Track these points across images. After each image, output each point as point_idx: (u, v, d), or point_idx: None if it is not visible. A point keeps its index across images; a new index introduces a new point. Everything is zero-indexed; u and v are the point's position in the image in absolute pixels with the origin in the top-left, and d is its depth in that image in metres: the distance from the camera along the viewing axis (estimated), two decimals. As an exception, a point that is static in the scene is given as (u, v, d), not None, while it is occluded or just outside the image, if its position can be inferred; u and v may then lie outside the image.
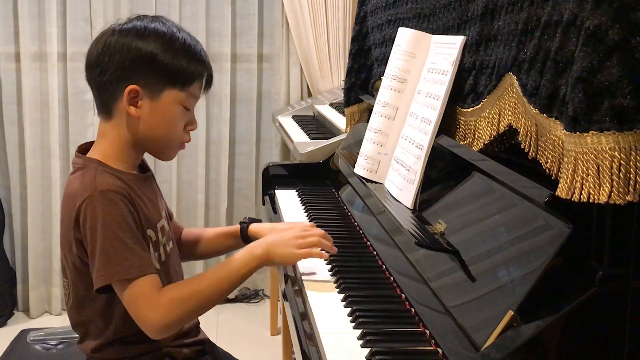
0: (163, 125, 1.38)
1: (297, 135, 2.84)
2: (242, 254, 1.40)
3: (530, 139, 1.07)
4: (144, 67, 1.34)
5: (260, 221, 1.66)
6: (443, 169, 1.46)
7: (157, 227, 1.41)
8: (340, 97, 2.68)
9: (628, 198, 0.85)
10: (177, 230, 1.64)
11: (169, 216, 1.55)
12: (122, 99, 1.34)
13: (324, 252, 1.43)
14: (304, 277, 1.44)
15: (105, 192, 1.29)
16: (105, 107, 1.38)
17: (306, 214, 1.91)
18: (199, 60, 1.39)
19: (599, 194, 0.86)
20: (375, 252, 1.55)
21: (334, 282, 1.40)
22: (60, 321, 3.32)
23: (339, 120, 2.68)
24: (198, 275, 1.43)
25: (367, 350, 1.11)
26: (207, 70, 1.42)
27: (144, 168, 1.47)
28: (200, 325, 1.55)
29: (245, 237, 1.63)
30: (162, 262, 1.42)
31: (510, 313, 0.94)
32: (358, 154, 1.81)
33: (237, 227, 1.64)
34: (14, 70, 3.32)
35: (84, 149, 1.42)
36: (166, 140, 1.41)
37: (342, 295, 1.33)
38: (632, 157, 0.85)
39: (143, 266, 1.30)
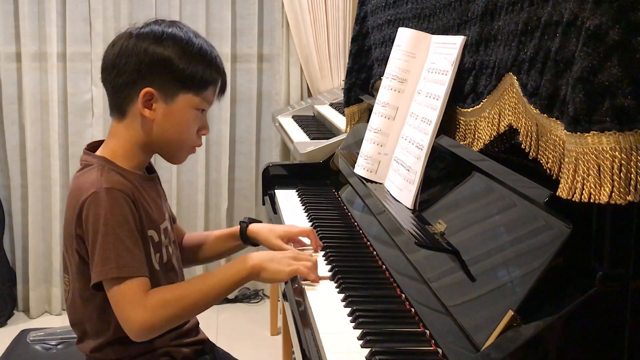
0: (176, 128, 1.39)
1: (297, 135, 2.84)
2: (233, 265, 1.40)
3: (531, 139, 1.07)
4: (160, 71, 1.35)
5: (260, 222, 1.66)
6: (443, 169, 1.46)
7: (160, 228, 1.42)
8: (340, 97, 2.68)
9: (629, 198, 0.85)
10: (180, 234, 1.64)
11: (172, 219, 1.55)
12: (137, 101, 1.36)
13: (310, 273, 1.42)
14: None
15: (110, 190, 1.30)
16: (120, 108, 1.39)
17: (306, 214, 1.91)
18: (214, 66, 1.41)
19: (600, 194, 0.86)
20: (375, 252, 1.55)
21: (334, 282, 1.40)
22: (60, 321, 3.32)
23: (339, 120, 2.68)
24: (187, 280, 1.43)
25: (367, 350, 1.10)
26: (222, 77, 1.44)
27: (150, 169, 1.48)
28: (200, 326, 1.55)
29: (244, 237, 1.63)
30: (164, 263, 1.42)
31: (510, 313, 0.94)
32: (358, 154, 1.81)
33: (237, 228, 1.64)
34: (14, 70, 3.32)
35: (93, 147, 1.43)
36: (178, 143, 1.42)
37: (342, 295, 1.33)
38: (632, 157, 0.85)
39: (136, 267, 1.30)
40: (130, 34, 1.38)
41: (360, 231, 1.70)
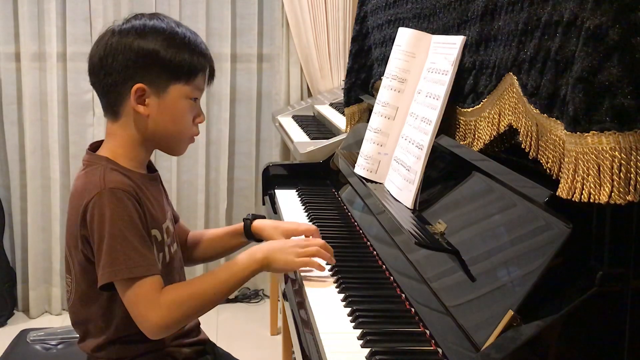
0: (172, 120, 1.39)
1: (297, 135, 2.84)
2: (243, 257, 1.41)
3: (531, 139, 1.07)
4: (148, 65, 1.35)
5: (264, 217, 1.66)
6: (443, 169, 1.46)
7: (163, 227, 1.42)
8: (340, 97, 2.68)
9: (628, 198, 0.85)
10: (183, 233, 1.64)
11: (175, 219, 1.55)
12: (129, 98, 1.35)
13: (322, 263, 1.44)
14: (303, 277, 1.44)
15: (114, 190, 1.30)
16: (112, 108, 1.39)
17: (306, 214, 1.91)
18: (200, 52, 1.40)
19: (600, 193, 0.86)
20: (375, 252, 1.55)
21: (334, 282, 1.40)
22: (60, 321, 3.32)
23: (339, 120, 2.68)
24: (198, 277, 1.44)
25: (367, 350, 1.10)
26: (209, 62, 1.44)
27: (151, 168, 1.48)
28: (201, 326, 1.55)
29: (248, 234, 1.63)
30: (167, 263, 1.42)
31: (510, 313, 0.94)
32: (358, 154, 1.81)
33: (240, 225, 1.65)
34: (14, 70, 3.32)
35: (95, 147, 1.43)
36: (177, 135, 1.42)
37: (342, 295, 1.33)
38: (632, 157, 0.85)
39: (147, 266, 1.30)
40: (113, 32, 1.37)
41: (360, 231, 1.70)
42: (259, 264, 1.39)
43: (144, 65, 1.35)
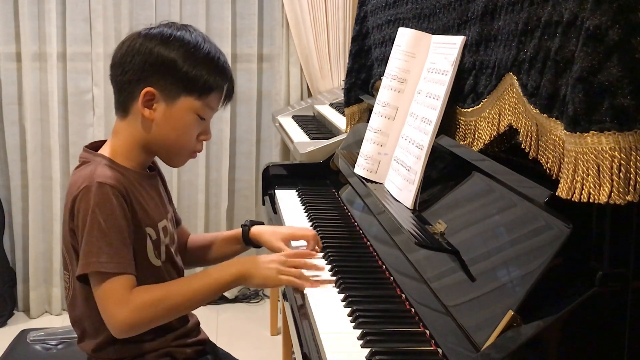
0: (175, 131, 1.39)
1: (297, 135, 2.84)
2: (221, 268, 1.40)
3: (531, 139, 1.07)
4: (163, 72, 1.36)
5: (262, 223, 1.66)
6: (443, 169, 1.46)
7: (159, 226, 1.42)
8: (340, 97, 2.68)
9: (628, 198, 0.85)
10: (184, 236, 1.64)
11: (177, 222, 1.55)
12: (139, 100, 1.36)
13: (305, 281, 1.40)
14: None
15: (101, 184, 1.31)
16: (123, 105, 1.40)
17: (306, 214, 1.91)
18: (220, 72, 1.40)
19: (599, 194, 0.86)
20: (375, 252, 1.55)
21: (334, 282, 1.40)
22: (60, 321, 3.32)
23: (339, 120, 2.68)
24: (173, 281, 1.42)
25: (367, 350, 1.11)
26: (228, 83, 1.43)
27: (151, 168, 1.48)
28: (201, 325, 1.55)
29: (246, 240, 1.63)
30: (163, 262, 1.42)
31: (510, 313, 0.94)
32: (358, 154, 1.81)
33: (239, 230, 1.64)
34: (14, 70, 3.32)
35: (94, 146, 1.44)
36: (177, 147, 1.42)
37: (342, 295, 1.33)
38: (632, 157, 0.85)
39: (120, 264, 1.30)
40: (139, 34, 1.39)
41: (360, 231, 1.70)
42: (234, 277, 1.38)
43: (159, 72, 1.36)
